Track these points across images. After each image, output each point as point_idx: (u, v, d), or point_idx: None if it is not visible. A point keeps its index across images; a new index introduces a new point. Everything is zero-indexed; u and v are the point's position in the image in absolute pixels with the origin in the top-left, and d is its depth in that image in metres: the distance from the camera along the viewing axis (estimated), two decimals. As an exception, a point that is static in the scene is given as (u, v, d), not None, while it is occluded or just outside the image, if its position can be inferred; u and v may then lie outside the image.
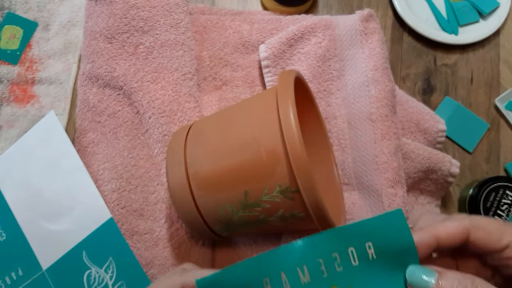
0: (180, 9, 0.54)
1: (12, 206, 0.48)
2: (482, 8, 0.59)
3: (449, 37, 0.58)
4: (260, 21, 0.57)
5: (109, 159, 0.51)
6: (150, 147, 0.52)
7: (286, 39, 0.53)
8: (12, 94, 0.55)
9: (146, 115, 0.52)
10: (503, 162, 0.56)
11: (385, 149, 0.48)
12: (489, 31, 0.58)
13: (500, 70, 0.59)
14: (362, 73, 0.52)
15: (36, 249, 0.47)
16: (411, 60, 0.58)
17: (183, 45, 0.53)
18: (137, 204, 0.49)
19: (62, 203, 0.47)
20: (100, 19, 0.54)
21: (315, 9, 0.60)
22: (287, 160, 0.36)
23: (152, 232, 0.49)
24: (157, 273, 0.47)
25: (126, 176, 0.50)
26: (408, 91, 0.57)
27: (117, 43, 0.54)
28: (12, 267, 0.47)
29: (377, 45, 0.52)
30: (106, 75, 0.53)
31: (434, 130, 0.53)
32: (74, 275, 0.45)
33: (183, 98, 0.51)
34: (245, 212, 0.39)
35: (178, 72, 0.52)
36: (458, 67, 0.59)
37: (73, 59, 0.56)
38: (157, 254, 0.48)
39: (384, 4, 0.60)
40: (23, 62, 0.56)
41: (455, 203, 0.54)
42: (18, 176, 0.49)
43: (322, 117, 0.50)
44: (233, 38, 0.56)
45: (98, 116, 0.53)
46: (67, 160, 0.48)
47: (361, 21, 0.53)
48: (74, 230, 0.46)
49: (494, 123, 0.57)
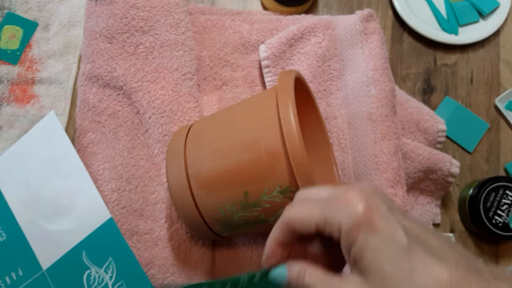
0: (180, 9, 0.54)
1: (12, 206, 0.48)
2: (482, 8, 0.59)
3: (449, 37, 0.58)
4: (260, 21, 0.57)
5: (109, 159, 0.51)
6: (150, 147, 0.52)
7: (286, 39, 0.53)
8: (12, 94, 0.55)
9: (146, 115, 0.52)
10: (503, 162, 0.56)
11: (385, 149, 0.48)
12: (489, 31, 0.58)
13: (500, 70, 0.59)
14: (362, 73, 0.52)
15: (36, 249, 0.47)
16: (411, 60, 0.58)
17: (183, 45, 0.53)
18: (137, 204, 0.49)
19: (62, 203, 0.47)
20: (100, 19, 0.54)
21: (315, 9, 0.60)
22: (287, 160, 0.36)
23: (152, 232, 0.49)
24: (157, 273, 0.47)
25: (126, 176, 0.50)
26: (408, 91, 0.57)
27: (117, 43, 0.54)
28: (12, 267, 0.47)
29: (377, 45, 0.52)
30: (106, 75, 0.53)
31: (434, 130, 0.53)
32: (74, 275, 0.45)
33: (183, 98, 0.51)
34: (245, 212, 0.39)
35: (178, 72, 0.52)
36: (458, 67, 0.59)
37: (73, 59, 0.56)
38: (157, 254, 0.48)
39: (384, 4, 0.60)
40: (23, 62, 0.56)
41: (455, 203, 0.54)
42: (18, 176, 0.49)
43: (322, 117, 0.50)
44: (233, 38, 0.56)
45: (98, 116, 0.53)
46: (67, 160, 0.47)
47: (361, 21, 0.53)
48: (74, 230, 0.46)
49: (494, 123, 0.57)
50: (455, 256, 0.24)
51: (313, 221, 0.26)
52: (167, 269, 0.47)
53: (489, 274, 0.24)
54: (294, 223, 0.27)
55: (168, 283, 0.47)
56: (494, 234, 0.50)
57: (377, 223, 0.24)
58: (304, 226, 0.26)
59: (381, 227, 0.24)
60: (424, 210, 0.52)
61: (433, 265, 0.23)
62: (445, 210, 0.54)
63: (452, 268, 0.23)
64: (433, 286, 0.22)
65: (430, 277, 0.22)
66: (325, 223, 0.26)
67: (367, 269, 0.24)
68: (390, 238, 0.24)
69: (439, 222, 0.53)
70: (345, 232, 0.25)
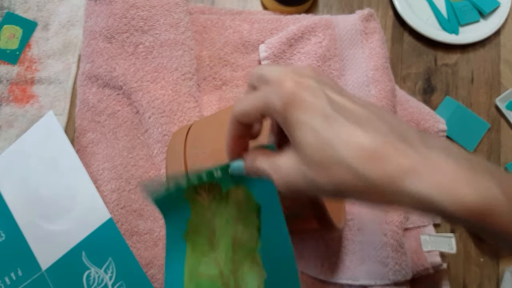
0: (180, 8, 0.54)
1: (11, 206, 0.48)
2: (482, 7, 0.59)
3: (449, 37, 0.58)
4: (260, 20, 0.56)
5: (108, 159, 0.51)
6: (149, 147, 0.52)
7: (286, 38, 0.53)
8: (12, 94, 0.55)
9: (145, 115, 0.51)
10: (504, 162, 0.55)
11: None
12: (490, 31, 0.58)
13: (501, 70, 0.58)
14: (363, 73, 0.52)
15: (36, 249, 0.47)
16: (412, 60, 0.58)
17: (183, 45, 0.53)
18: (137, 204, 0.49)
19: (61, 203, 0.47)
20: (100, 18, 0.54)
21: (315, 9, 0.59)
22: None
23: (151, 232, 0.49)
24: (157, 273, 0.47)
25: (125, 176, 0.50)
26: (409, 91, 0.57)
27: (117, 42, 0.53)
28: (12, 268, 0.47)
29: (377, 45, 0.52)
30: (105, 75, 0.53)
31: (435, 130, 0.53)
32: (74, 275, 0.45)
33: (183, 98, 0.51)
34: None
35: (178, 72, 0.52)
36: (458, 67, 0.58)
37: (72, 59, 0.56)
38: (157, 254, 0.48)
39: (384, 3, 0.60)
40: (22, 62, 0.56)
41: (456, 203, 0.54)
42: (17, 176, 0.49)
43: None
44: (233, 37, 0.56)
45: (98, 116, 0.53)
46: (66, 160, 0.47)
47: (361, 20, 0.53)
48: (74, 230, 0.46)
49: (494, 123, 0.57)
50: (383, 125, 0.23)
51: (258, 110, 0.27)
52: (167, 270, 0.47)
53: (420, 143, 0.23)
54: (243, 116, 0.27)
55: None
56: (494, 234, 0.50)
57: (304, 98, 0.24)
58: (251, 117, 0.27)
59: (307, 101, 0.24)
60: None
61: (355, 133, 0.23)
62: (446, 210, 0.54)
63: (377, 136, 0.23)
64: (354, 153, 0.22)
65: (351, 144, 0.22)
66: (266, 109, 0.26)
67: (297, 143, 0.24)
68: (315, 110, 0.24)
69: (439, 222, 0.53)
70: (279, 112, 0.25)
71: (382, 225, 0.48)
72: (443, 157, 0.22)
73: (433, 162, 0.22)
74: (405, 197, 0.22)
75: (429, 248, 0.46)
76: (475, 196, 0.21)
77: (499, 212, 0.21)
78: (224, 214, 0.33)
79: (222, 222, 0.33)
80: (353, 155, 0.22)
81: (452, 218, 0.21)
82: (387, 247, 0.47)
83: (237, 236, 0.33)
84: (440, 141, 0.24)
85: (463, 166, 0.22)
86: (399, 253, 0.47)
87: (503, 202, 0.21)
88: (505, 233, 0.21)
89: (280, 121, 0.26)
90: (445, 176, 0.21)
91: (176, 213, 0.33)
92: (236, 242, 0.33)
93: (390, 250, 0.47)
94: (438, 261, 0.48)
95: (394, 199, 0.22)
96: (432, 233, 0.49)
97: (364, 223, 0.49)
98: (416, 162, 0.22)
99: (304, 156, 0.24)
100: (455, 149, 0.23)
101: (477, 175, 0.21)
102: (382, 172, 0.22)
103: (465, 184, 0.21)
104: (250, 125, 0.29)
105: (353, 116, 0.24)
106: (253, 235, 0.33)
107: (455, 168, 0.21)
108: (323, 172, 0.23)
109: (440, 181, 0.21)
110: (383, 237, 0.48)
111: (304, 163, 0.24)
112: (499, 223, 0.21)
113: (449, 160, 0.22)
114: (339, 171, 0.23)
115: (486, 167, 0.22)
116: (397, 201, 0.22)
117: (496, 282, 0.52)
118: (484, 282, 0.52)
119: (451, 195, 0.21)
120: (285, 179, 0.26)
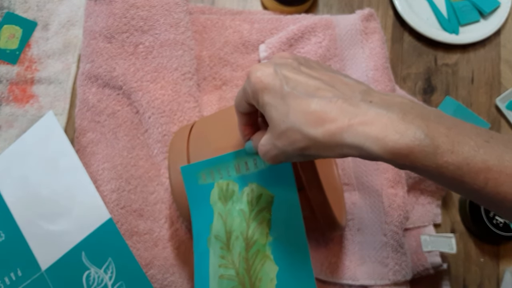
0: (180, 8, 0.54)
1: (11, 206, 0.48)
2: (482, 7, 0.59)
3: (449, 37, 0.58)
4: (260, 20, 0.56)
5: (108, 159, 0.51)
6: (149, 147, 0.52)
7: (286, 38, 0.53)
8: (11, 94, 0.55)
9: (145, 115, 0.51)
10: (504, 162, 0.55)
11: (386, 149, 0.48)
12: (490, 31, 0.58)
13: (501, 70, 0.58)
14: (363, 73, 0.52)
15: (35, 249, 0.47)
16: (412, 60, 0.58)
17: (182, 45, 0.53)
18: (137, 204, 0.49)
19: (61, 203, 0.47)
20: (100, 18, 0.54)
21: (315, 9, 0.59)
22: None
23: (151, 232, 0.49)
24: (157, 273, 0.47)
25: (125, 176, 0.50)
26: (409, 91, 0.57)
27: (117, 42, 0.53)
28: (11, 268, 0.47)
29: (377, 45, 0.52)
30: (105, 75, 0.53)
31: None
32: (73, 275, 0.45)
33: (183, 98, 0.51)
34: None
35: (177, 72, 0.52)
36: (458, 66, 0.58)
37: (72, 59, 0.56)
38: (156, 255, 0.48)
39: (384, 3, 0.60)
40: (22, 61, 0.56)
41: (456, 203, 0.54)
42: (16, 176, 0.49)
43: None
44: (233, 37, 0.56)
45: (98, 116, 0.53)
46: (65, 160, 0.47)
47: (361, 20, 0.53)
48: (73, 231, 0.46)
49: (495, 123, 0.57)
50: (330, 91, 0.28)
51: (243, 99, 0.32)
52: (166, 270, 0.47)
53: (361, 101, 0.27)
54: (237, 106, 0.33)
55: (168, 283, 0.47)
56: (494, 234, 0.50)
57: (267, 82, 0.29)
58: (243, 107, 0.32)
59: (269, 85, 0.29)
60: (424, 210, 0.52)
61: (304, 102, 0.27)
62: (446, 210, 0.54)
63: (321, 102, 0.27)
64: (303, 119, 0.27)
65: (300, 112, 0.27)
66: (246, 98, 0.31)
67: (268, 121, 0.29)
68: (274, 92, 0.29)
69: (439, 222, 0.53)
70: (253, 98, 0.30)
71: (382, 225, 0.48)
72: (380, 111, 0.26)
73: (369, 117, 0.26)
74: (345, 149, 0.26)
75: (429, 248, 0.46)
76: (397, 141, 0.25)
77: (418, 151, 0.25)
78: (239, 215, 0.37)
79: (236, 223, 0.37)
80: (302, 121, 0.27)
81: (383, 160, 0.26)
82: (387, 247, 0.47)
83: (249, 235, 0.37)
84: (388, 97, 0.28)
85: (395, 117, 0.26)
86: (399, 253, 0.47)
87: (426, 142, 0.25)
88: (426, 170, 0.25)
89: (256, 105, 0.30)
90: (376, 128, 0.25)
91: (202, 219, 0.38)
92: (248, 242, 0.37)
93: (390, 250, 0.47)
94: (438, 261, 0.48)
95: (339, 151, 0.27)
96: (432, 233, 0.49)
97: (364, 223, 0.49)
98: (353, 119, 0.26)
99: (272, 129, 0.29)
100: (397, 101, 0.27)
101: (405, 123, 0.25)
102: (325, 131, 0.26)
103: (392, 132, 0.25)
104: (251, 113, 0.33)
105: (304, 89, 0.28)
106: (263, 231, 0.37)
107: (387, 120, 0.25)
108: (285, 140, 0.28)
109: (370, 132, 0.25)
110: (383, 237, 0.48)
111: (273, 135, 0.29)
112: (420, 161, 0.25)
113: (384, 113, 0.26)
114: (294, 136, 0.28)
115: (421, 113, 0.26)
116: (342, 153, 0.27)
117: (496, 282, 0.52)
118: (484, 282, 0.52)
119: (378, 143, 0.25)
120: (263, 151, 0.31)
